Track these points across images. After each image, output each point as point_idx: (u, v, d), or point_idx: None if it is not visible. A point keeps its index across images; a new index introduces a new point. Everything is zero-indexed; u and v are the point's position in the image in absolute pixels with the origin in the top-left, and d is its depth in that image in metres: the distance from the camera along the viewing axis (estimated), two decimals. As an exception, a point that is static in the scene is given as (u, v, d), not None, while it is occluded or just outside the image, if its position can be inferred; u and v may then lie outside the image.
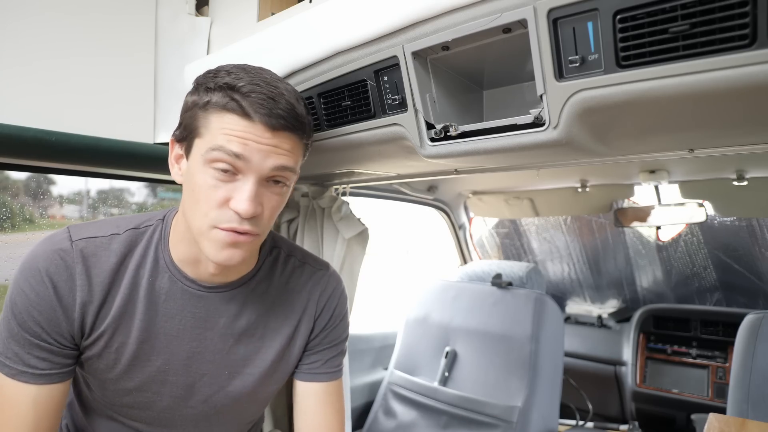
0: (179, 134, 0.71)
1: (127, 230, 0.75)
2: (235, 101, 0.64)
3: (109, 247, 0.73)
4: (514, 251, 2.76)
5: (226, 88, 0.65)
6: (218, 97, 0.65)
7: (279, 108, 0.65)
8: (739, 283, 2.22)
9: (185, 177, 0.71)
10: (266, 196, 0.69)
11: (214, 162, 0.65)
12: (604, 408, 2.27)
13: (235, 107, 0.64)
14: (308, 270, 0.88)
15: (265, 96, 0.65)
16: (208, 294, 0.77)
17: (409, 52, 0.70)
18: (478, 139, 0.71)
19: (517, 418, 1.49)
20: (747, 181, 1.42)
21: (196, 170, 0.67)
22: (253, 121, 0.65)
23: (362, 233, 1.30)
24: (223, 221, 0.66)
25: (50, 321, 0.68)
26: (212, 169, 0.66)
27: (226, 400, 0.81)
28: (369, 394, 1.90)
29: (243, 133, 0.64)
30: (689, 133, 0.70)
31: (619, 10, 0.51)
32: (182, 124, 0.70)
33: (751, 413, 1.16)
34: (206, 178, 0.66)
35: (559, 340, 1.64)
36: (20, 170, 0.99)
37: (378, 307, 2.48)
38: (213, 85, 0.66)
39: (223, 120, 0.65)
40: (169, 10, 1.09)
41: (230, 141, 0.64)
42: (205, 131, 0.66)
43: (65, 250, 0.70)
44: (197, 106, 0.67)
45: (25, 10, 0.90)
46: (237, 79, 0.65)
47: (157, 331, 0.74)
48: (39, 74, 0.92)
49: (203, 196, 0.66)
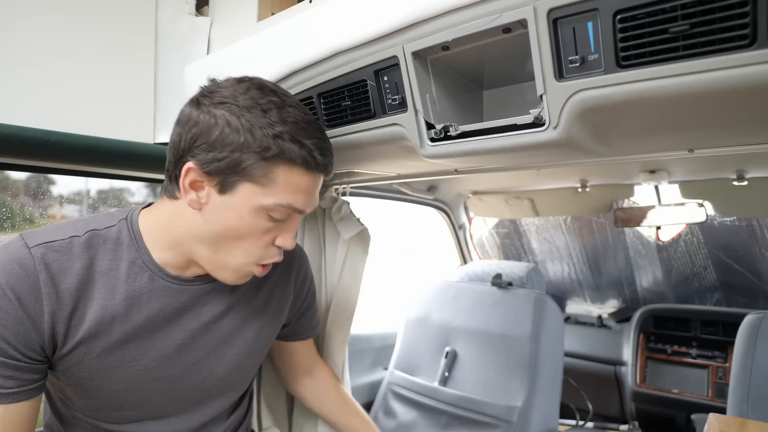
0: (213, 169, 0.65)
1: (87, 232, 0.71)
2: (308, 155, 0.66)
3: (71, 251, 0.68)
4: (514, 251, 2.76)
5: (292, 140, 0.65)
6: (287, 148, 0.64)
7: (328, 152, 0.69)
8: (739, 283, 2.22)
9: (214, 213, 0.68)
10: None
11: (274, 212, 0.67)
12: (604, 408, 2.27)
13: (308, 162, 0.66)
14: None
15: (325, 146, 0.69)
16: (191, 287, 0.77)
17: (409, 52, 0.70)
18: (478, 139, 0.71)
19: (517, 418, 1.49)
20: (747, 181, 1.42)
21: (244, 213, 0.67)
22: (316, 176, 0.69)
23: (363, 233, 1.30)
24: (266, 258, 0.71)
25: (18, 335, 0.64)
26: (268, 215, 0.68)
27: (214, 381, 0.83)
28: (369, 394, 1.90)
29: (308, 186, 0.68)
30: (689, 133, 0.70)
31: (619, 10, 0.51)
32: (223, 161, 0.64)
33: (751, 413, 1.16)
34: (259, 223, 0.68)
35: (559, 340, 1.64)
36: (20, 170, 0.99)
37: (378, 307, 2.48)
38: (274, 132, 0.63)
39: (292, 174, 0.66)
40: (169, 10, 1.09)
41: (297, 197, 0.67)
42: (266, 182, 0.65)
43: (24, 259, 0.65)
44: (252, 151, 0.63)
45: (25, 11, 0.90)
46: (300, 128, 0.66)
47: (142, 330, 0.73)
48: (39, 74, 0.92)
49: (251, 238, 0.69)
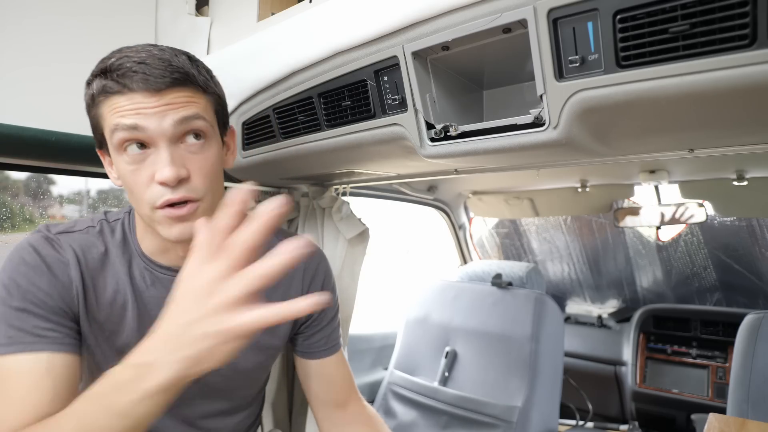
0: (97, 142, 0.71)
1: (99, 221, 0.77)
2: (112, 80, 0.63)
3: (88, 239, 0.74)
4: (514, 251, 2.76)
5: (100, 74, 0.65)
6: (97, 85, 0.65)
7: (154, 68, 0.64)
8: (739, 283, 2.22)
9: (120, 179, 0.71)
10: (187, 158, 0.67)
11: (121, 145, 0.65)
12: (604, 408, 2.27)
13: (112, 86, 0.63)
14: None
15: (135, 62, 0.63)
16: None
17: (409, 52, 0.70)
18: (478, 139, 0.71)
19: (517, 418, 1.49)
20: (747, 181, 1.42)
21: (116, 163, 0.68)
22: (133, 91, 0.63)
23: (363, 233, 1.30)
24: (156, 199, 0.65)
25: (53, 293, 0.68)
26: (125, 155, 0.66)
27: (217, 377, 0.81)
28: (369, 394, 1.90)
29: (130, 105, 0.63)
30: (689, 133, 0.70)
31: (619, 10, 0.51)
32: (93, 131, 0.70)
33: (751, 413, 1.16)
34: (124, 165, 0.66)
35: (559, 340, 1.64)
36: (20, 170, 0.99)
37: (378, 307, 2.49)
38: (90, 79, 0.66)
39: (110, 103, 0.64)
40: (169, 10, 1.09)
41: (123, 116, 0.64)
42: (103, 122, 0.66)
43: (51, 239, 0.71)
44: (90, 107, 0.68)
45: (25, 11, 0.90)
46: (107, 60, 0.65)
47: (149, 321, 0.73)
48: (39, 74, 0.92)
49: (131, 184, 0.67)
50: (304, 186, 1.41)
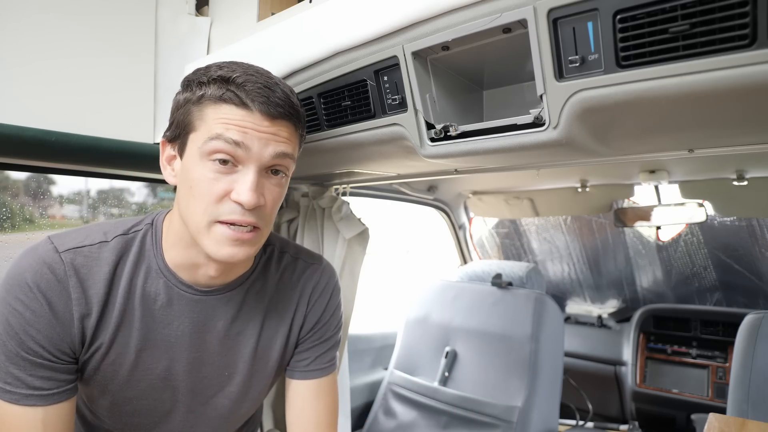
0: (171, 134, 0.69)
1: (115, 237, 0.72)
2: (231, 91, 0.63)
3: (100, 256, 0.69)
4: (514, 251, 2.76)
5: (221, 81, 0.64)
6: (213, 90, 0.64)
7: (276, 96, 0.65)
8: (739, 283, 2.22)
9: (180, 177, 0.69)
10: (267, 187, 0.68)
11: (212, 153, 0.64)
12: (604, 408, 2.27)
13: (231, 97, 0.63)
14: (301, 265, 0.87)
15: (261, 85, 0.64)
16: (206, 298, 0.75)
17: (409, 52, 0.70)
18: (478, 139, 0.71)
19: (517, 418, 1.49)
20: (747, 181, 1.42)
21: (192, 165, 0.65)
22: (250, 110, 0.64)
23: (363, 233, 1.30)
24: (223, 214, 0.65)
25: (50, 338, 0.65)
26: (211, 162, 0.64)
27: (225, 400, 0.81)
28: (369, 394, 1.90)
29: (241, 121, 0.63)
30: (689, 133, 0.70)
31: (619, 10, 0.51)
32: (173, 123, 0.68)
33: (751, 413, 1.16)
34: (205, 171, 0.64)
35: (559, 340, 1.64)
36: (20, 170, 0.99)
37: (378, 307, 2.48)
38: (206, 79, 0.65)
39: (219, 110, 0.64)
40: (169, 10, 1.09)
41: (229, 129, 0.63)
42: (200, 124, 0.65)
43: (55, 263, 0.66)
44: (190, 102, 0.66)
45: (25, 11, 0.90)
46: (230, 72, 0.64)
47: (156, 339, 0.73)
48: (39, 74, 0.92)
49: (202, 191, 0.64)
50: (304, 186, 1.41)
